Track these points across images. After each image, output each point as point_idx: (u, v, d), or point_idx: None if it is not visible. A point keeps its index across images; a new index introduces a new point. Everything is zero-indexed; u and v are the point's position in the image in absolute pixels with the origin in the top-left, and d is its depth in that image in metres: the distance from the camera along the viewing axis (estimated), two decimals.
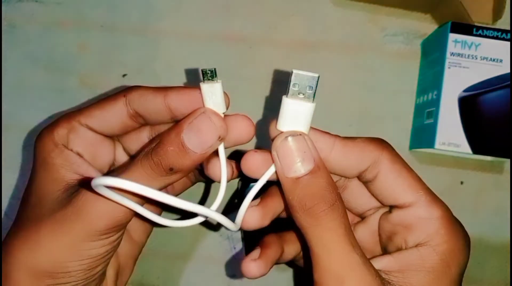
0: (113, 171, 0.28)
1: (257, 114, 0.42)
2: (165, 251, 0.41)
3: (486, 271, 0.41)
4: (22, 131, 0.42)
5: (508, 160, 0.41)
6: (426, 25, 0.43)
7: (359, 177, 0.26)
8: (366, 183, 0.26)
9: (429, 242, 0.24)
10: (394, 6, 0.43)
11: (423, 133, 0.39)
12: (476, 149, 0.37)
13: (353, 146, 0.24)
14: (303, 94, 0.24)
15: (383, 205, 0.27)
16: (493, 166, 0.42)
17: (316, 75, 0.23)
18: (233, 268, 0.41)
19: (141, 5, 0.43)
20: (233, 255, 0.41)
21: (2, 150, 0.42)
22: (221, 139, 0.24)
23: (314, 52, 0.43)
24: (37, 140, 0.25)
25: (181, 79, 0.43)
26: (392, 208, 0.26)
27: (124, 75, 0.43)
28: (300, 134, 0.24)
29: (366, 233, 0.28)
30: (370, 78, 0.43)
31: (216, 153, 0.25)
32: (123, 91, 0.26)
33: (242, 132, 0.25)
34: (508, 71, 0.37)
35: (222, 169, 0.25)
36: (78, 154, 0.25)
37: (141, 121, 0.26)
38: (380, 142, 0.25)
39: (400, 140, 0.42)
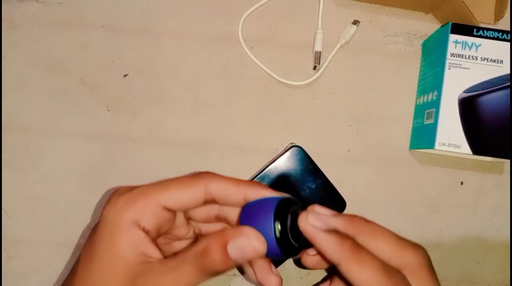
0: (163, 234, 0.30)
1: (257, 114, 0.42)
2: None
3: (486, 271, 0.41)
4: (22, 131, 0.42)
5: (508, 161, 0.41)
6: (427, 26, 0.43)
7: None
8: None
9: None
10: (395, 6, 0.43)
11: (423, 134, 0.39)
12: (476, 150, 0.37)
13: None
14: None
15: None
16: (493, 167, 0.42)
17: None
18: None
19: (142, 6, 0.43)
20: None
21: (2, 150, 0.42)
22: (259, 256, 0.26)
23: None
24: (110, 208, 0.26)
25: (182, 79, 0.43)
26: None
27: (125, 75, 0.43)
28: None
29: None
30: (371, 78, 0.43)
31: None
32: (200, 176, 0.27)
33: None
34: (508, 72, 0.37)
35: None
36: (146, 231, 0.26)
37: (213, 202, 0.28)
38: None
39: (400, 140, 0.42)
